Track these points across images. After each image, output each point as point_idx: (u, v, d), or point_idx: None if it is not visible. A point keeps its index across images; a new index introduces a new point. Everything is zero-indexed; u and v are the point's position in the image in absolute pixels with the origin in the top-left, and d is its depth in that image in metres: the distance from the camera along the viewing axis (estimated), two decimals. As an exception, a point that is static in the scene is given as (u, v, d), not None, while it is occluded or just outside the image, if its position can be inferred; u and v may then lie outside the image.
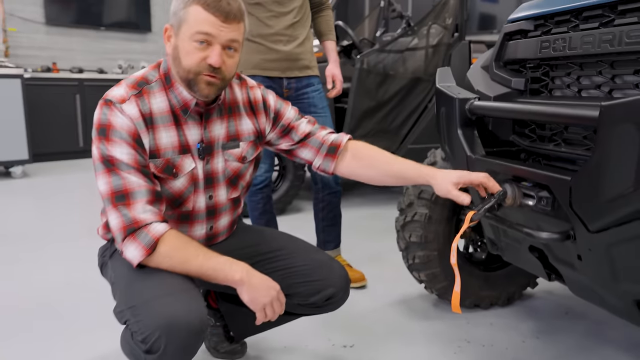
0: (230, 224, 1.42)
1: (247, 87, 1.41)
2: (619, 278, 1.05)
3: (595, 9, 1.18)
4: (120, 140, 1.14)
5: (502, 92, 1.44)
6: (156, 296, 1.09)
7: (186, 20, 1.15)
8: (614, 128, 0.92)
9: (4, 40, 5.32)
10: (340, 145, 1.43)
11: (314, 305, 1.38)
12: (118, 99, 1.16)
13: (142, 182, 1.15)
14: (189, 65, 1.16)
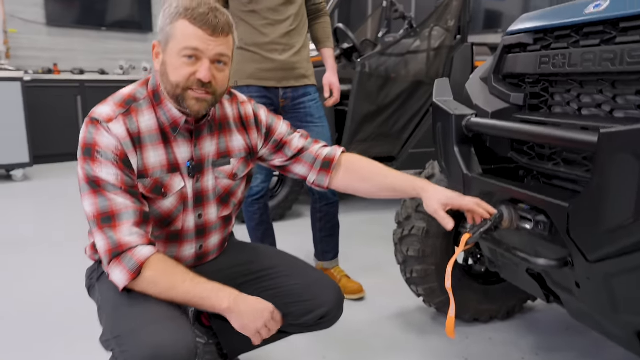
0: (220, 242, 1.39)
1: (238, 102, 1.37)
2: (618, 309, 1.02)
3: (597, 26, 1.14)
4: (106, 161, 1.11)
5: (500, 108, 1.40)
6: (142, 325, 1.06)
7: (173, 35, 1.12)
8: (613, 156, 0.88)
9: (4, 41, 5.30)
10: (334, 159, 1.39)
11: (307, 325, 1.35)
12: (104, 118, 1.12)
13: (128, 203, 1.12)
14: (177, 80, 1.12)
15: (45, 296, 2.14)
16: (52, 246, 2.75)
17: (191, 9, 1.10)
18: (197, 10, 1.10)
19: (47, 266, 2.49)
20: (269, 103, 1.99)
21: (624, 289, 0.98)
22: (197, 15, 1.10)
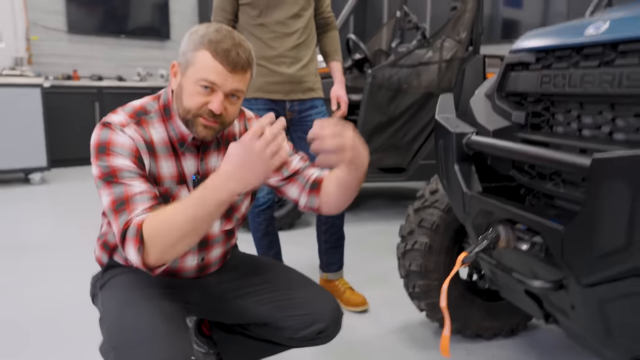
0: (222, 255, 1.41)
1: (245, 118, 1.40)
2: (613, 334, 1.01)
3: (596, 48, 1.14)
4: (121, 154, 1.11)
5: (502, 126, 1.40)
6: (140, 339, 1.07)
7: (194, 63, 1.13)
8: (605, 182, 0.88)
9: (27, 48, 5.44)
10: (323, 180, 1.36)
11: (305, 339, 1.36)
12: (118, 123, 1.14)
13: (144, 188, 1.10)
14: (190, 106, 1.14)
15: (58, 301, 2.18)
16: (66, 250, 2.81)
17: (216, 41, 1.11)
18: (221, 44, 1.11)
19: (61, 270, 2.55)
20: (276, 115, 2.01)
21: (618, 314, 0.97)
22: (220, 50, 1.11)
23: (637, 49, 1.03)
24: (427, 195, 1.83)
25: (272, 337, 1.40)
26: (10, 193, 4.29)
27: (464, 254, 1.19)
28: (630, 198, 0.84)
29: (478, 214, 1.32)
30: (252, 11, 1.93)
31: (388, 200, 4.27)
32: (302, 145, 2.07)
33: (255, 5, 1.92)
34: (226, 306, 1.39)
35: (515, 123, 1.38)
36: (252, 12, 1.93)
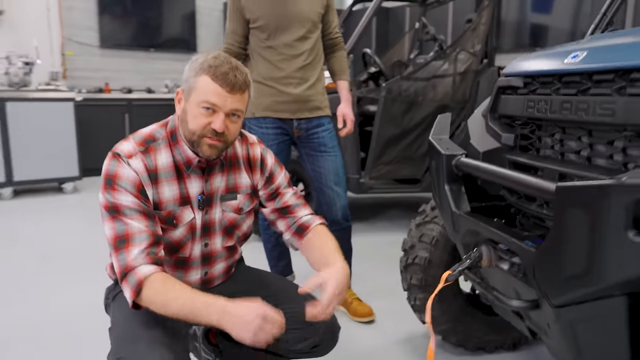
0: (225, 269, 1.49)
1: (248, 143, 1.48)
2: (583, 354, 1.05)
3: (574, 76, 1.18)
4: (125, 190, 1.23)
5: (492, 148, 1.45)
6: (141, 353, 1.16)
7: (196, 88, 1.24)
8: (567, 210, 0.93)
9: (62, 63, 5.73)
10: (309, 228, 1.47)
11: (301, 352, 1.42)
12: (126, 154, 1.26)
13: (142, 228, 1.23)
14: (194, 128, 1.25)
15: (81, 307, 2.32)
16: (93, 258, 2.97)
17: (214, 66, 1.22)
18: (220, 68, 1.22)
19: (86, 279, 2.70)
20: (284, 133, 2.11)
21: (586, 335, 1.01)
22: (218, 73, 1.22)
23: (608, 79, 1.08)
24: (428, 210, 1.89)
25: (271, 348, 1.47)
26: (45, 202, 4.53)
27: (448, 272, 1.24)
28: (588, 226, 0.89)
29: (466, 233, 1.37)
30: (261, 34, 2.03)
31: (404, 210, 4.31)
32: (309, 161, 2.16)
33: (264, 29, 2.02)
34: None
35: (504, 145, 1.43)
36: (261, 35, 2.03)
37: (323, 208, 2.20)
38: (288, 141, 2.14)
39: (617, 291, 0.90)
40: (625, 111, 1.01)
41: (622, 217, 0.82)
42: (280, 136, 2.10)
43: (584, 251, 0.90)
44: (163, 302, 1.19)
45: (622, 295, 0.90)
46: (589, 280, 0.91)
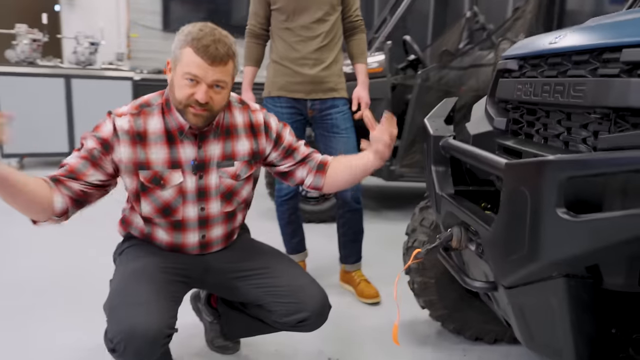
0: (224, 235, 1.56)
1: (249, 110, 1.55)
2: (534, 337, 1.03)
3: (556, 57, 1.15)
4: (93, 137, 1.37)
5: (483, 131, 1.44)
6: (128, 304, 1.28)
7: (180, 59, 1.32)
8: (512, 187, 0.92)
9: (127, 45, 6.10)
10: (327, 163, 1.59)
11: (287, 325, 1.48)
12: (117, 113, 1.39)
13: (72, 162, 1.34)
14: (180, 98, 1.34)
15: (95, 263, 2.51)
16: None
17: (197, 39, 1.30)
18: (202, 41, 1.29)
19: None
20: (298, 113, 2.16)
21: (534, 319, 1.00)
22: (200, 46, 1.29)
23: (584, 60, 1.04)
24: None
25: (263, 318, 1.54)
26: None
27: (417, 250, 1.26)
28: (527, 203, 0.88)
29: (446, 214, 1.37)
30: (280, 16, 2.09)
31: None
32: (322, 142, 2.20)
33: (283, 11, 2.07)
34: (225, 284, 1.55)
35: (496, 129, 1.40)
36: (280, 17, 2.09)
37: (334, 188, 2.24)
38: (302, 121, 2.19)
39: (555, 272, 0.88)
40: (594, 93, 0.98)
41: (553, 194, 0.81)
42: (294, 115, 2.15)
43: (522, 229, 0.90)
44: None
45: (561, 277, 0.88)
46: (527, 259, 0.90)
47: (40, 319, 1.98)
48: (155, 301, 1.30)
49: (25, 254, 2.65)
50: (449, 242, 1.24)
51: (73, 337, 1.84)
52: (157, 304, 1.29)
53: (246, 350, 1.82)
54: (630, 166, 0.72)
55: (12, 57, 4.59)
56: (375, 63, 3.20)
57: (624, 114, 0.93)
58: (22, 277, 2.36)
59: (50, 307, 2.07)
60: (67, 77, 4.68)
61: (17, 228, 3.14)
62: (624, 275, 0.86)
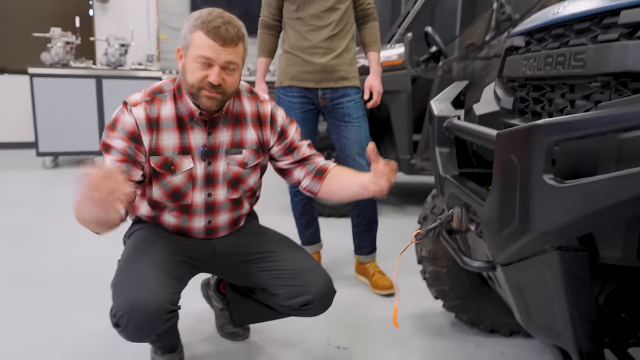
0: (230, 221, 1.57)
1: (258, 100, 1.55)
2: (532, 317, 0.99)
3: (558, 28, 1.10)
4: (118, 134, 1.37)
5: (490, 111, 1.39)
6: (132, 280, 1.31)
7: (192, 43, 1.33)
8: (502, 158, 0.89)
9: (157, 46, 6.25)
10: (327, 170, 1.57)
11: (291, 308, 1.48)
12: (132, 102, 1.40)
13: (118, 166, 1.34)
14: (193, 81, 1.34)
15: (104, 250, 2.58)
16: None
17: (207, 22, 1.31)
18: (212, 23, 1.30)
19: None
20: (310, 103, 2.16)
21: (531, 297, 0.96)
22: (211, 28, 1.30)
23: (585, 28, 0.99)
24: (444, 182, 1.83)
25: (269, 303, 1.55)
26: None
27: (418, 231, 1.23)
28: (516, 172, 0.84)
29: (449, 196, 1.33)
30: (291, 6, 2.09)
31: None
32: (334, 131, 2.19)
33: (294, 1, 2.07)
34: (231, 268, 1.57)
35: (503, 108, 1.36)
36: (291, 7, 2.09)
37: (347, 178, 2.22)
38: (314, 110, 2.19)
39: (547, 245, 0.84)
40: (594, 60, 0.93)
41: (541, 160, 0.78)
42: (305, 105, 2.15)
43: (512, 200, 0.86)
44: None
45: (554, 250, 0.84)
46: (518, 231, 0.87)
47: (67, 306, 2.04)
48: (159, 277, 1.32)
49: (54, 249, 2.74)
50: (450, 223, 1.20)
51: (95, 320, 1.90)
52: (160, 280, 1.32)
53: (255, 337, 1.83)
54: (616, 124, 0.68)
55: (47, 60, 4.77)
56: (394, 55, 3.17)
57: (625, 80, 0.88)
58: (52, 268, 2.44)
59: (76, 295, 2.14)
60: (99, 77, 4.83)
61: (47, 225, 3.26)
62: (621, 247, 0.81)
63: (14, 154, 5.57)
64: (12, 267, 2.39)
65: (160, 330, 1.30)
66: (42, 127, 4.71)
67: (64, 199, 3.67)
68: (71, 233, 2.90)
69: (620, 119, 0.67)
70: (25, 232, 2.93)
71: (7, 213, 3.28)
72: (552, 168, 0.77)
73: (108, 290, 1.34)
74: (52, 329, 1.85)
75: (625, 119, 0.67)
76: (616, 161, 0.73)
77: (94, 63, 5.84)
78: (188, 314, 1.89)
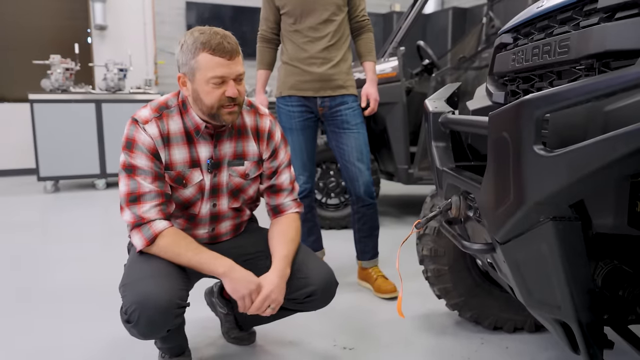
0: (232, 227, 1.62)
1: (258, 114, 1.59)
2: (531, 292, 1.03)
3: (543, 20, 1.16)
4: (141, 153, 1.39)
5: (482, 106, 1.45)
6: (141, 278, 1.34)
7: (198, 68, 1.35)
8: (495, 137, 0.94)
9: (155, 71, 6.36)
10: (284, 212, 1.63)
11: (296, 301, 1.51)
12: (142, 120, 1.41)
13: (153, 188, 1.40)
14: (212, 102, 1.37)
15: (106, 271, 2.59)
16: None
17: (207, 42, 1.33)
18: (213, 41, 1.33)
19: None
20: (309, 111, 2.22)
21: (530, 272, 0.99)
22: (214, 46, 1.33)
23: (568, 17, 1.05)
24: (441, 182, 1.88)
25: None
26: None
27: (418, 221, 1.27)
28: (508, 148, 0.89)
29: (448, 188, 1.38)
30: (289, 19, 2.17)
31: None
32: (334, 139, 2.25)
33: (291, 14, 2.15)
34: None
35: (495, 103, 1.42)
36: (289, 20, 2.17)
37: (347, 184, 2.27)
38: (313, 119, 2.24)
39: (542, 216, 0.88)
40: (578, 45, 0.99)
41: (531, 132, 0.82)
42: (305, 114, 2.21)
43: (507, 176, 0.90)
44: (175, 253, 1.39)
45: (549, 221, 0.88)
46: (514, 205, 0.91)
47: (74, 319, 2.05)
48: (166, 275, 1.35)
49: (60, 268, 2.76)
50: (449, 212, 1.24)
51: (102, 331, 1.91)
52: (167, 277, 1.35)
53: (261, 341, 1.84)
54: (598, 91, 0.73)
55: (47, 86, 4.86)
56: (389, 68, 3.25)
57: (607, 61, 0.93)
58: (58, 285, 2.46)
59: (82, 309, 2.15)
60: (98, 102, 4.91)
61: (51, 246, 3.28)
62: (612, 214, 0.85)
63: (15, 180, 5.60)
64: (20, 284, 2.41)
65: (170, 326, 1.32)
66: (42, 152, 4.76)
67: (66, 222, 3.69)
68: (76, 254, 2.92)
69: (601, 85, 0.72)
70: (30, 252, 2.95)
71: (12, 236, 3.30)
72: (541, 139, 0.82)
73: (114, 305, 1.36)
74: (59, 340, 1.86)
75: (606, 86, 0.72)
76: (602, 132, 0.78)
77: (93, 88, 5.93)
78: (193, 321, 1.91)
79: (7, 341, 1.84)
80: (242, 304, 1.38)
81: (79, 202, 4.43)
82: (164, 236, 1.39)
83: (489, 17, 4.33)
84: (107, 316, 2.02)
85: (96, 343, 1.83)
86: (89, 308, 2.14)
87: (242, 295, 1.37)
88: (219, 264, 1.39)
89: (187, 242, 1.41)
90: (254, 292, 1.38)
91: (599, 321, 0.95)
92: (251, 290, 1.38)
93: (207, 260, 1.39)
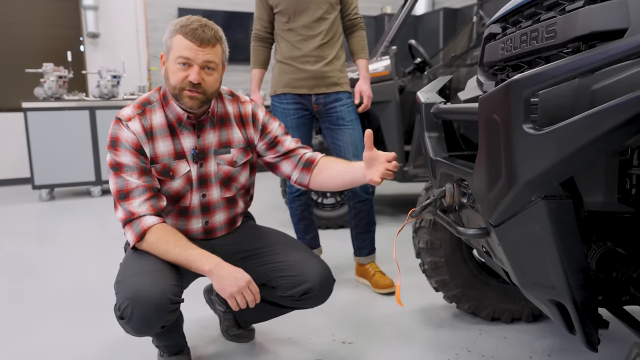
0: (226, 221, 1.62)
1: (239, 102, 1.62)
2: (526, 274, 1.04)
3: (530, 7, 1.18)
4: (125, 150, 1.42)
5: (473, 96, 1.47)
6: (133, 274, 1.34)
7: (172, 47, 1.41)
8: (486, 120, 0.95)
9: (148, 78, 6.37)
10: (315, 161, 1.61)
11: (293, 298, 1.51)
12: (125, 118, 1.45)
13: (140, 182, 1.42)
14: (174, 82, 1.41)
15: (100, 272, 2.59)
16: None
17: (185, 25, 1.39)
18: (190, 26, 1.38)
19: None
20: (304, 109, 2.23)
21: (524, 254, 1.01)
22: (188, 30, 1.38)
23: (554, 3, 1.07)
24: (436, 175, 1.89)
25: (270, 297, 1.58)
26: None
27: (412, 210, 1.28)
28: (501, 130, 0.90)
29: (441, 177, 1.39)
30: (282, 18, 2.19)
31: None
32: (329, 135, 2.26)
33: (285, 13, 2.17)
34: None
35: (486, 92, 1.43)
36: (282, 19, 2.19)
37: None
38: (308, 116, 2.26)
39: (534, 195, 0.90)
40: (564, 28, 1.00)
41: (520, 112, 0.84)
42: (299, 111, 2.22)
43: (498, 157, 0.92)
44: (164, 249, 1.39)
45: (541, 200, 0.89)
46: (506, 185, 0.92)
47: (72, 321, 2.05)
48: (159, 270, 1.36)
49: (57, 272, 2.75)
50: (443, 199, 1.26)
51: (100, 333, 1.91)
52: (160, 272, 1.36)
53: (260, 338, 1.84)
54: (583, 67, 0.74)
55: (40, 94, 4.85)
56: (381, 67, 3.27)
57: (593, 43, 0.95)
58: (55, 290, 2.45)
59: (81, 311, 2.15)
60: (92, 109, 4.90)
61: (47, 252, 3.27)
62: (602, 192, 0.87)
63: (10, 190, 5.58)
64: (18, 287, 2.40)
65: (164, 321, 1.32)
66: (37, 160, 4.75)
67: (62, 229, 3.68)
68: (72, 260, 2.91)
69: (586, 62, 0.74)
70: (27, 258, 2.94)
71: (8, 243, 3.29)
72: (530, 119, 0.83)
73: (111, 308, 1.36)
74: (59, 342, 1.85)
75: (590, 61, 0.74)
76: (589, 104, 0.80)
77: (87, 95, 5.93)
78: (192, 320, 1.91)
79: (7, 342, 1.83)
80: (232, 302, 1.36)
81: (75, 210, 4.42)
82: (152, 232, 1.39)
83: (479, 16, 4.37)
84: (105, 319, 2.01)
85: (96, 345, 1.82)
86: (86, 312, 2.13)
87: (230, 293, 1.35)
88: (205, 261, 1.37)
89: (176, 238, 1.41)
90: (245, 290, 1.36)
91: (594, 300, 0.96)
92: (240, 287, 1.35)
93: (194, 257, 1.38)
